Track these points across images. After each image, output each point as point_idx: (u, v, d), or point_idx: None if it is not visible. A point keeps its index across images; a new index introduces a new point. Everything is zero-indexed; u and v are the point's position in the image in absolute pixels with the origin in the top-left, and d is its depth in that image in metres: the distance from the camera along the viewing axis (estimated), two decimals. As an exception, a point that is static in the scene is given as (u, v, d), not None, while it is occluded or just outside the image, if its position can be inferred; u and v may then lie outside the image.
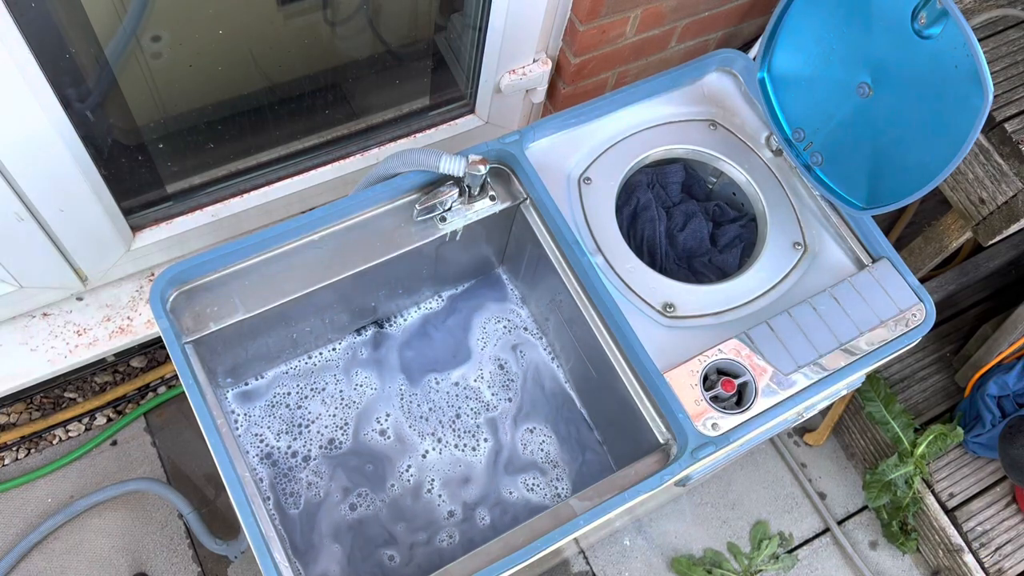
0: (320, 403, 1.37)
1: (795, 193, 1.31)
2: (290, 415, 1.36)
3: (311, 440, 1.35)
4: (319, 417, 1.37)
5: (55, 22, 1.17)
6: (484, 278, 1.48)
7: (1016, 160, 1.40)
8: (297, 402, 1.37)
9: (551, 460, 1.39)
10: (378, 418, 1.38)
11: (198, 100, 1.45)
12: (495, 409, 1.41)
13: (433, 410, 1.39)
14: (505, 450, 1.39)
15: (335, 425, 1.37)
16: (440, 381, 1.41)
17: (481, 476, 1.37)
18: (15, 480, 1.73)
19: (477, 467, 1.37)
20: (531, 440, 1.40)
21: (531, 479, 1.37)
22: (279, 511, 1.30)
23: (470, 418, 1.40)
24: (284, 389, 1.37)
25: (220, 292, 1.16)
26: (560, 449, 1.39)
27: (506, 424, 1.40)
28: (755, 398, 1.15)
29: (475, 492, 1.35)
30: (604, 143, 1.30)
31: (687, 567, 1.85)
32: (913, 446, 1.82)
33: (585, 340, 1.26)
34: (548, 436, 1.40)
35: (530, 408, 1.42)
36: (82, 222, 1.40)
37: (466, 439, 1.38)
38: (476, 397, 1.41)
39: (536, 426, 1.41)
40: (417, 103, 1.69)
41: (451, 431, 1.38)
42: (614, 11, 1.50)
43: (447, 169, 1.16)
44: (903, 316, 1.22)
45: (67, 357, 1.55)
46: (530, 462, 1.39)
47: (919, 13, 1.06)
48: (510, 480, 1.37)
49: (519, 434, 1.40)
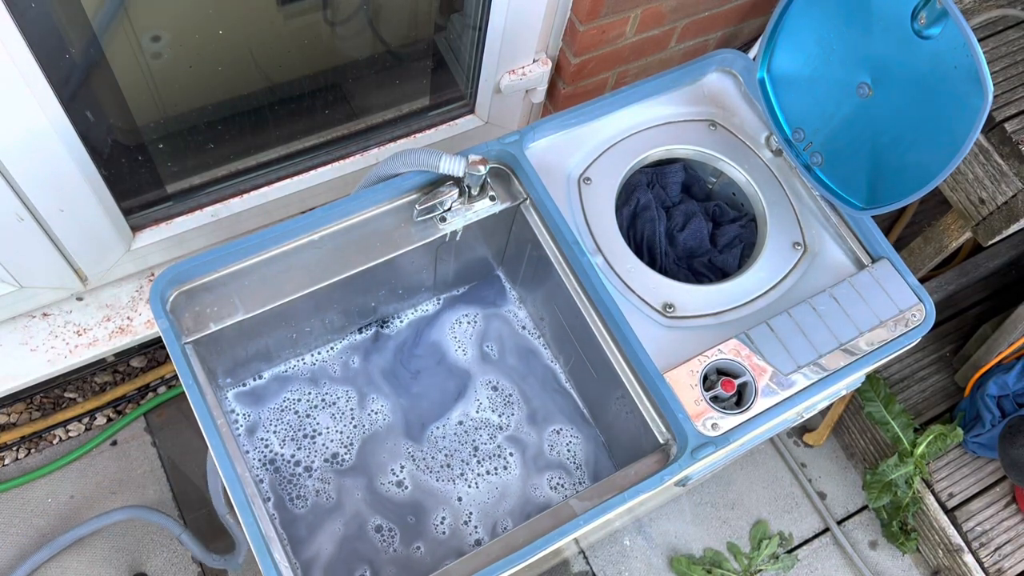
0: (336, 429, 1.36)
1: (795, 193, 1.31)
2: (298, 422, 1.35)
3: (315, 451, 1.34)
4: (324, 429, 1.36)
5: (55, 21, 1.17)
6: (484, 281, 1.48)
7: (1016, 160, 1.40)
8: (306, 417, 1.36)
9: (576, 460, 1.39)
10: (393, 470, 1.35)
11: (198, 100, 1.45)
12: (508, 428, 1.40)
13: (450, 455, 1.37)
14: (531, 448, 1.39)
15: (340, 441, 1.36)
16: (442, 427, 1.39)
17: (516, 486, 1.36)
18: (15, 480, 1.73)
19: (512, 483, 1.36)
20: (557, 441, 1.40)
21: (557, 478, 1.38)
22: (279, 510, 1.30)
23: (489, 443, 1.39)
24: (287, 416, 1.36)
25: (220, 292, 1.16)
26: (583, 447, 1.40)
27: (523, 430, 1.40)
28: (755, 398, 1.15)
29: (510, 503, 1.35)
30: (604, 143, 1.30)
31: (687, 567, 1.85)
32: (913, 446, 1.82)
33: (585, 340, 1.26)
34: (575, 437, 1.40)
35: (545, 412, 1.42)
36: (82, 222, 1.40)
37: (495, 462, 1.38)
38: (485, 425, 1.40)
39: (561, 427, 1.41)
40: (417, 103, 1.69)
41: (476, 463, 1.37)
42: (614, 11, 1.50)
43: (447, 169, 1.16)
44: (903, 316, 1.22)
45: (67, 357, 1.55)
46: (557, 462, 1.39)
47: (919, 13, 1.06)
48: (539, 479, 1.37)
49: (545, 435, 1.40)
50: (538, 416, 1.41)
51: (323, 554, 1.28)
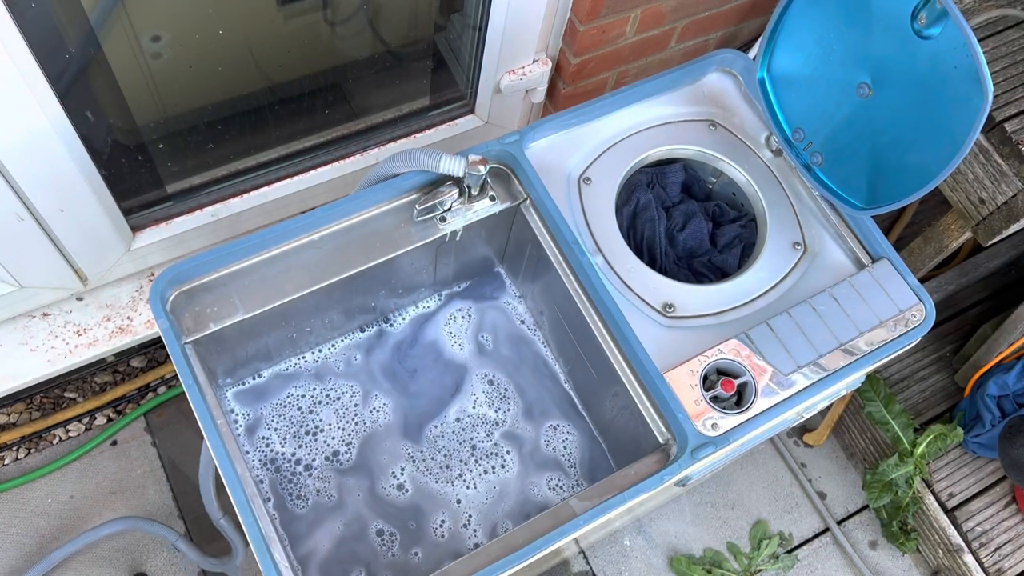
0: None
1: (795, 193, 1.31)
2: (300, 424, 1.35)
3: (317, 449, 1.34)
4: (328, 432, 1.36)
5: (54, 21, 1.17)
6: (484, 278, 1.48)
7: (1016, 160, 1.40)
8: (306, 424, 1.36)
9: (571, 457, 1.39)
10: (394, 472, 1.35)
11: (198, 100, 1.45)
12: (504, 424, 1.40)
13: (449, 455, 1.37)
14: (527, 444, 1.38)
15: (341, 439, 1.36)
16: (440, 426, 1.39)
17: (514, 484, 1.36)
18: (15, 480, 1.73)
19: (511, 481, 1.36)
20: (554, 437, 1.40)
21: (556, 479, 1.38)
22: (279, 511, 1.30)
23: (486, 441, 1.39)
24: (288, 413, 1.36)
25: (220, 292, 1.16)
26: (579, 444, 1.40)
27: (520, 426, 1.40)
28: (755, 398, 1.15)
29: (509, 504, 1.35)
30: (604, 143, 1.30)
31: (687, 567, 1.85)
32: (913, 446, 1.82)
33: (585, 340, 1.26)
34: (571, 433, 1.40)
35: (541, 405, 1.42)
36: (82, 222, 1.40)
37: (493, 460, 1.38)
38: (482, 421, 1.40)
39: (558, 423, 1.41)
40: (417, 103, 1.69)
41: (474, 462, 1.37)
42: (614, 11, 1.50)
43: (447, 169, 1.16)
44: (903, 316, 1.22)
45: (67, 357, 1.55)
46: (552, 459, 1.38)
47: (919, 13, 1.06)
48: (537, 477, 1.37)
49: (542, 431, 1.40)
50: (534, 410, 1.42)
51: (320, 551, 1.29)
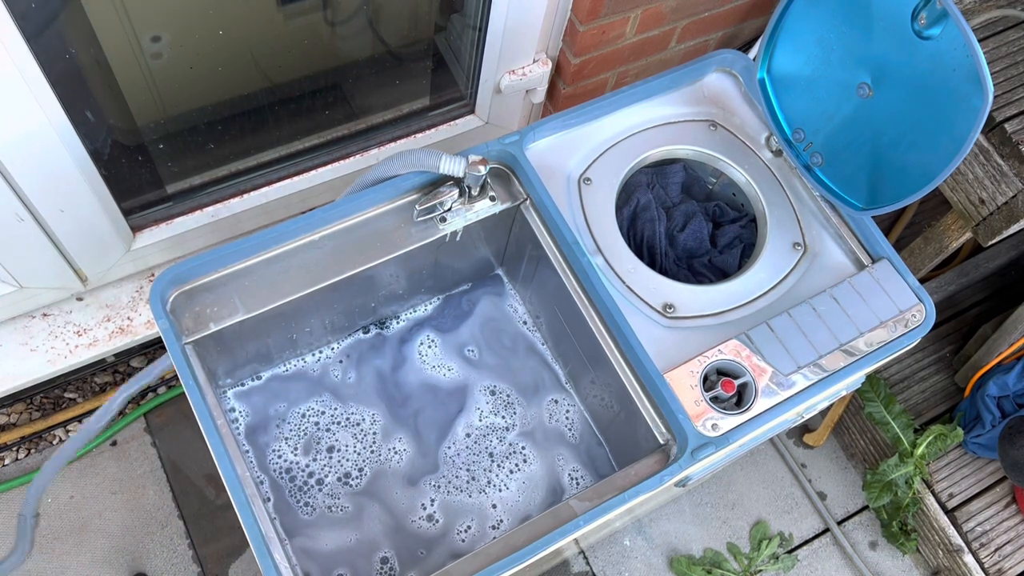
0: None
1: (795, 193, 1.31)
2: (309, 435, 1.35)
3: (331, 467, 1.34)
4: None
5: (55, 21, 1.17)
6: (483, 279, 1.48)
7: (1016, 160, 1.40)
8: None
9: (575, 429, 1.40)
10: (423, 504, 1.34)
11: (198, 100, 1.45)
12: (515, 428, 1.40)
13: (471, 468, 1.37)
14: (538, 430, 1.39)
15: (355, 463, 1.36)
16: (452, 445, 1.38)
17: (540, 472, 1.37)
18: (15, 480, 1.73)
19: (538, 471, 1.37)
20: (556, 410, 1.41)
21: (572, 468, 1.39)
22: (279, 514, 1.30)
23: (501, 446, 1.39)
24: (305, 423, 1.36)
25: (220, 292, 1.16)
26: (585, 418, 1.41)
27: (530, 422, 1.40)
28: (755, 399, 1.15)
29: (542, 493, 1.36)
30: (604, 143, 1.30)
31: (687, 567, 1.85)
32: (913, 446, 1.82)
33: (585, 340, 1.26)
34: (572, 405, 1.41)
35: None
36: (82, 222, 1.40)
37: (514, 460, 1.38)
38: (492, 430, 1.40)
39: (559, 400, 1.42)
40: (417, 103, 1.69)
41: (498, 467, 1.37)
42: (614, 11, 1.50)
43: (447, 170, 1.16)
44: (903, 317, 1.22)
45: (67, 357, 1.55)
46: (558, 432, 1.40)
47: (919, 14, 1.06)
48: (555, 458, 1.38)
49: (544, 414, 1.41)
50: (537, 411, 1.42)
51: (325, 550, 1.29)
